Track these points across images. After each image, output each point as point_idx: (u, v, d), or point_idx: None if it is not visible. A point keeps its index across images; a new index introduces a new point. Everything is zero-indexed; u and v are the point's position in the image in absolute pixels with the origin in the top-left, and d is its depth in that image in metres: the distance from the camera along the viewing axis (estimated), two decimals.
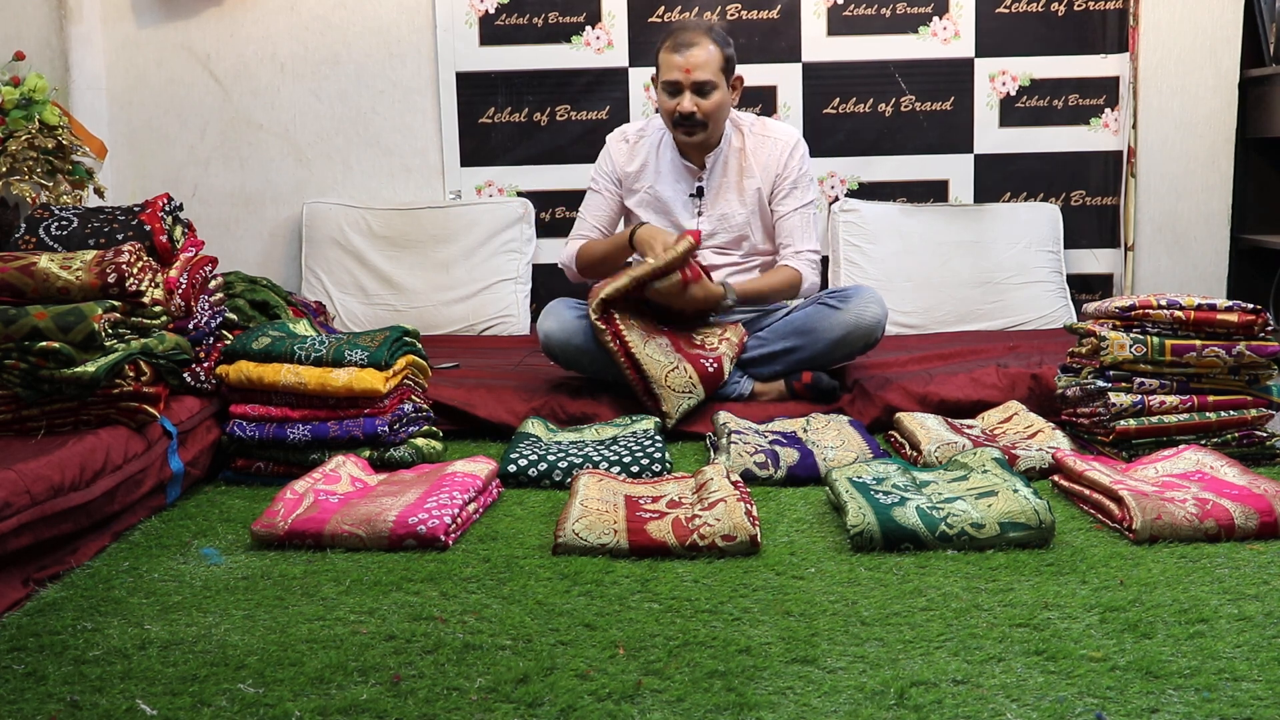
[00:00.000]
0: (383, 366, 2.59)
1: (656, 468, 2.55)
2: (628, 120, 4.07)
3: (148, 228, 2.61)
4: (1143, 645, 1.64)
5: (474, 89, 4.11)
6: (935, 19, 4.06)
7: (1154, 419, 2.58)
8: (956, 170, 4.13)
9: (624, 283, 2.92)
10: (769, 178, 3.19)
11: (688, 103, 3.05)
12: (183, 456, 2.45)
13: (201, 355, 2.63)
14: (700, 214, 3.20)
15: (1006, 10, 4.06)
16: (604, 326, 2.92)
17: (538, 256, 4.13)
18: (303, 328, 2.82)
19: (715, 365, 2.99)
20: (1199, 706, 1.46)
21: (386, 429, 2.58)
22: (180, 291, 2.55)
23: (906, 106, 4.10)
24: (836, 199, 4.09)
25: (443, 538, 2.10)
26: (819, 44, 4.07)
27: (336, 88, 4.13)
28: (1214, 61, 4.07)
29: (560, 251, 3.34)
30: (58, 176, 3.55)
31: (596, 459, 2.57)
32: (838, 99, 4.09)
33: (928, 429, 2.69)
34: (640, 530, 2.08)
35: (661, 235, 2.99)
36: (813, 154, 3.32)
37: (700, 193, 3.19)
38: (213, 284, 2.74)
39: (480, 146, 4.14)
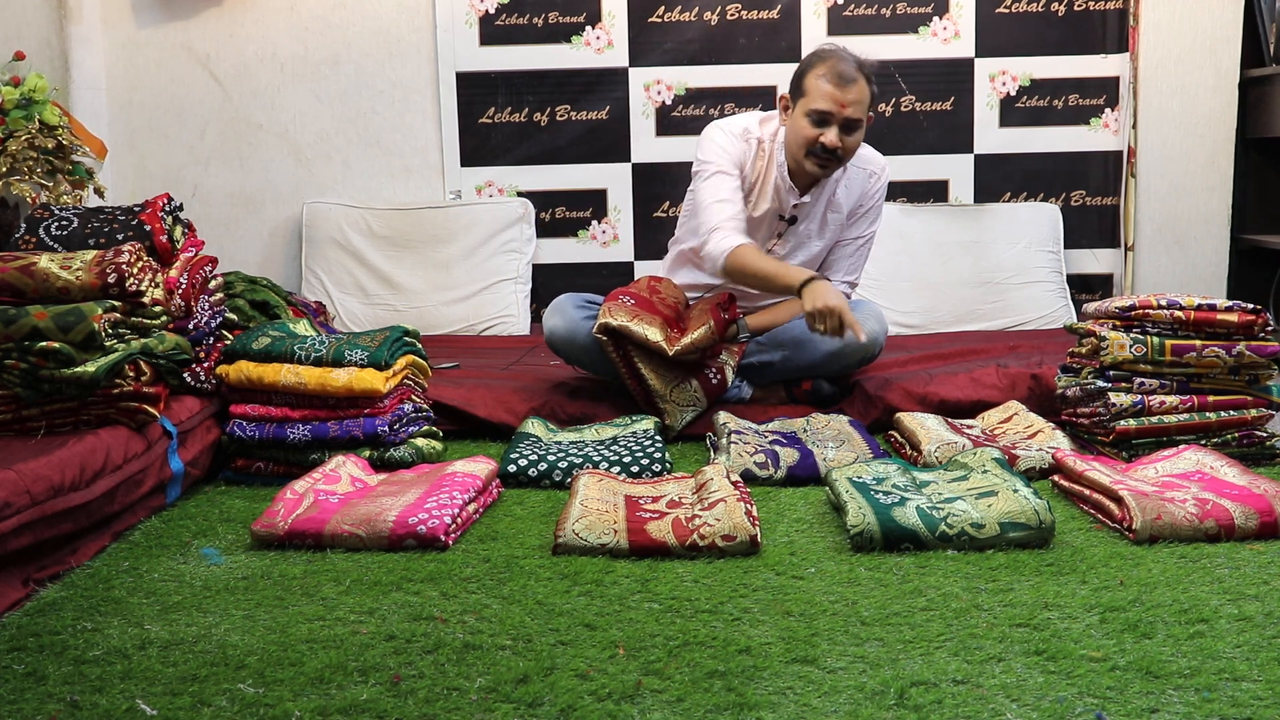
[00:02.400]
0: (383, 366, 2.59)
1: (656, 468, 2.55)
2: (627, 120, 4.08)
3: (148, 228, 2.61)
4: (1143, 645, 1.64)
5: (474, 89, 4.11)
6: (935, 19, 4.06)
7: (1154, 419, 2.58)
8: (956, 170, 4.13)
9: (639, 336, 2.88)
10: (851, 205, 3.12)
11: (834, 136, 2.88)
12: (183, 456, 2.45)
13: (201, 355, 2.63)
14: (780, 235, 3.10)
15: (1006, 10, 4.06)
16: (606, 338, 2.91)
17: (538, 256, 4.13)
18: (303, 328, 2.82)
19: (719, 377, 2.99)
20: (1199, 706, 1.46)
21: (386, 429, 2.58)
22: (180, 291, 2.55)
23: (906, 106, 4.10)
24: None
25: (443, 538, 2.10)
26: (819, 44, 4.06)
27: (336, 88, 4.13)
28: (1214, 61, 4.07)
29: (709, 235, 2.95)
30: (58, 176, 3.55)
31: (596, 459, 2.57)
32: None
33: (928, 429, 2.69)
34: (640, 530, 2.08)
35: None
36: None
37: (794, 220, 3.07)
38: (213, 284, 2.74)
39: (480, 146, 4.14)
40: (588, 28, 4.08)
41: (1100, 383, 2.64)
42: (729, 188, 2.99)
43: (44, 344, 2.19)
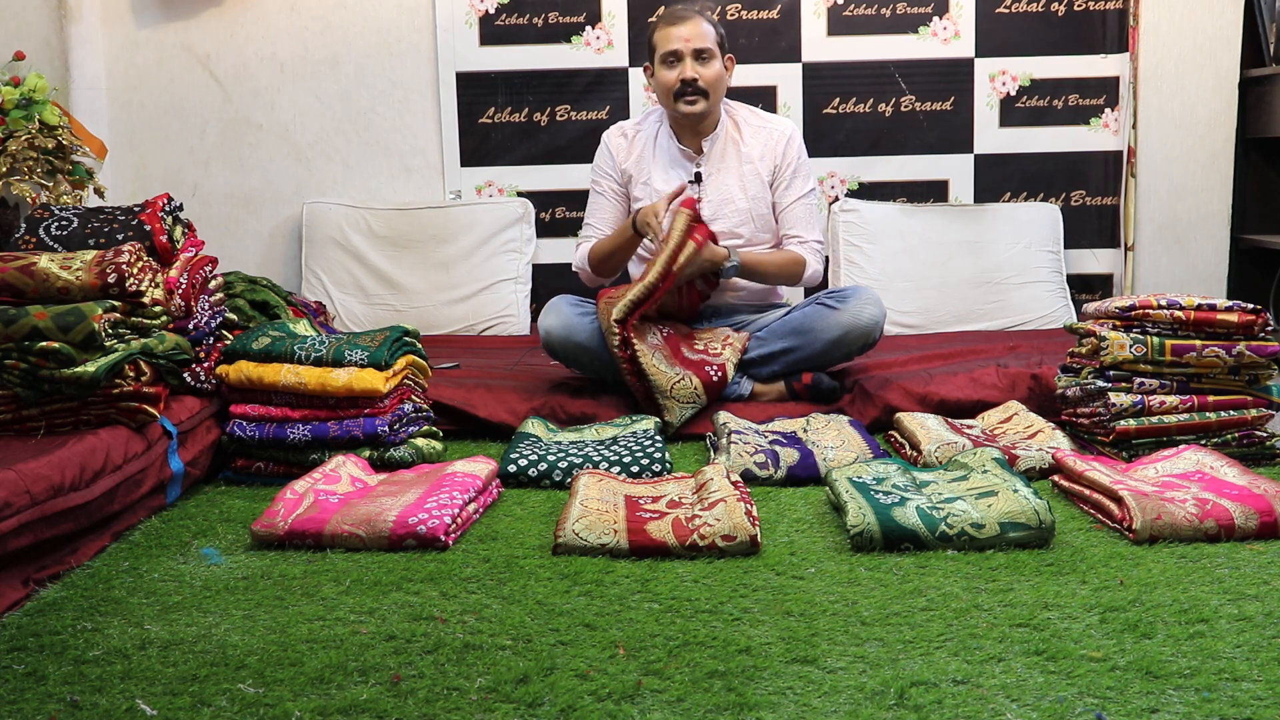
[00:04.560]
0: (383, 366, 2.59)
1: (656, 468, 2.55)
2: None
3: (148, 228, 2.61)
4: (1143, 645, 1.64)
5: (474, 89, 4.11)
6: (935, 19, 4.06)
7: (1154, 419, 2.58)
8: (956, 170, 4.13)
9: (638, 294, 2.90)
10: (768, 166, 3.21)
11: (690, 69, 3.08)
12: (183, 456, 2.45)
13: (201, 355, 2.63)
14: (700, 200, 3.19)
15: (1006, 10, 4.06)
16: (617, 331, 2.90)
17: (538, 256, 4.13)
18: (303, 328, 2.82)
19: (719, 374, 2.99)
20: (1199, 706, 1.46)
21: (386, 429, 2.58)
22: (180, 291, 2.56)
23: (906, 106, 4.10)
24: (836, 199, 4.09)
25: (443, 538, 2.10)
26: (819, 44, 4.07)
27: (336, 88, 4.13)
28: (1214, 61, 4.07)
29: (574, 256, 3.33)
30: (58, 176, 3.55)
31: (596, 459, 2.57)
32: (838, 99, 4.09)
33: (928, 429, 2.69)
34: (640, 530, 2.08)
35: (652, 208, 3.00)
36: (812, 154, 3.33)
37: (699, 178, 3.20)
38: (213, 284, 2.74)
39: (480, 146, 4.14)
40: (588, 28, 4.08)
41: (1100, 383, 2.64)
42: (596, 208, 3.30)
43: (44, 344, 2.19)
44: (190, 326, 2.60)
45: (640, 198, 3.23)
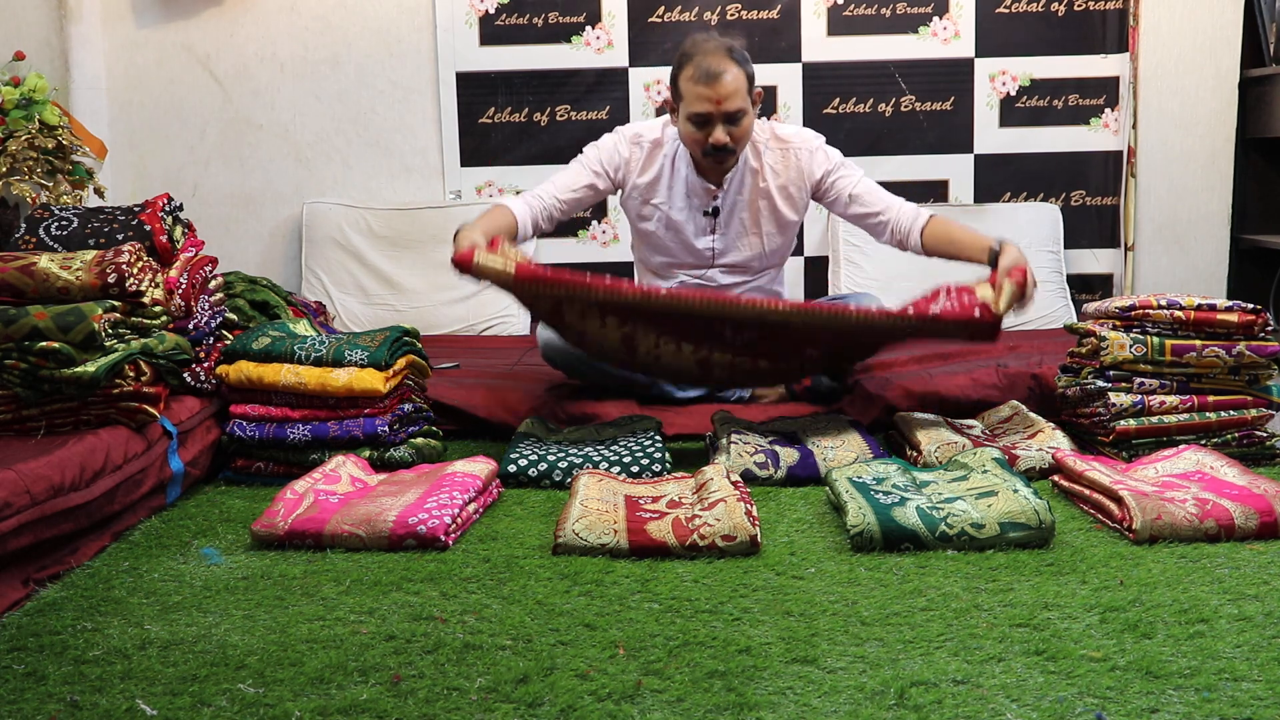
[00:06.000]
0: (383, 366, 2.59)
1: (656, 468, 2.55)
2: (627, 120, 4.07)
3: (148, 228, 2.61)
4: (1143, 645, 1.64)
5: (474, 89, 4.11)
6: (935, 19, 4.06)
7: (1154, 419, 2.58)
8: (956, 170, 4.13)
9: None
10: (807, 185, 3.06)
11: (721, 134, 2.86)
12: (183, 456, 2.45)
13: (201, 355, 2.63)
14: (713, 233, 3.10)
15: (1006, 10, 4.06)
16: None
17: (538, 256, 4.12)
18: (303, 328, 2.82)
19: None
20: (1199, 706, 1.46)
21: (386, 429, 2.58)
22: (180, 291, 2.56)
23: (906, 106, 4.10)
24: None
25: (443, 538, 2.10)
26: (819, 44, 4.07)
27: (336, 88, 4.13)
28: (1214, 61, 4.07)
29: (506, 199, 3.07)
30: (58, 176, 3.55)
31: (596, 459, 2.57)
32: (838, 99, 4.09)
33: (928, 429, 2.69)
34: (640, 530, 2.08)
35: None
36: None
37: (715, 212, 3.06)
38: (213, 284, 2.74)
39: (480, 146, 4.14)
40: (588, 28, 4.08)
41: (1100, 383, 2.64)
42: (568, 176, 3.06)
43: (44, 344, 2.19)
44: (190, 326, 2.60)
45: (648, 217, 3.09)
